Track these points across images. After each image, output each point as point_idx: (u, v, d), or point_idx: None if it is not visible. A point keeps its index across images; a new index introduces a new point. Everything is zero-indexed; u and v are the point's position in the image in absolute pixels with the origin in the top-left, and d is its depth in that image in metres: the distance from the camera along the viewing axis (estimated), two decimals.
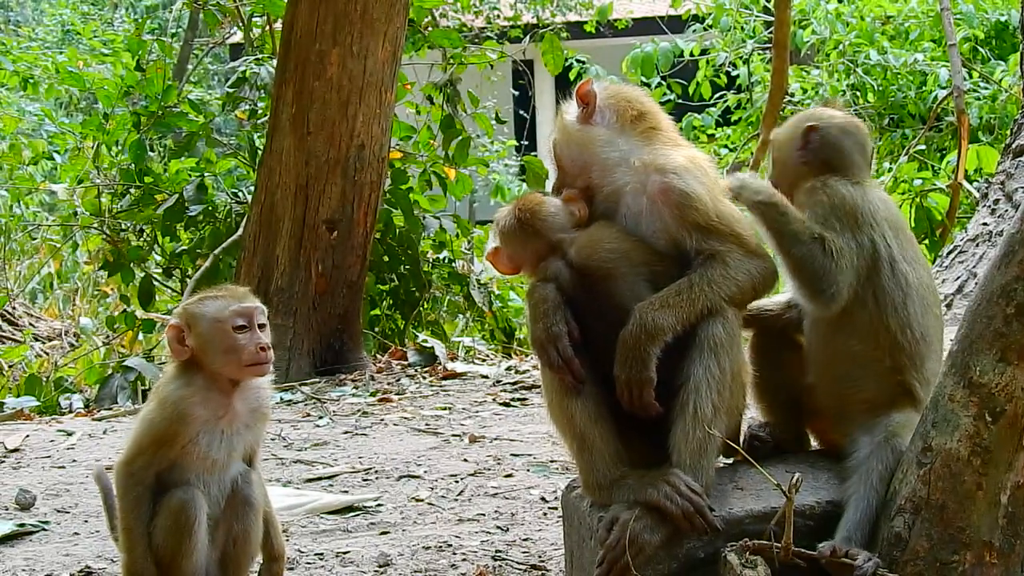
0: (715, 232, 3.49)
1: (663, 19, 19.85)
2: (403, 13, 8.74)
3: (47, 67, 18.02)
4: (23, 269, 14.57)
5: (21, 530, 4.93)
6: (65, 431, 6.80)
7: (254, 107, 11.09)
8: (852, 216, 3.60)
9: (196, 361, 3.77)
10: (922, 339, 3.53)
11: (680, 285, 3.44)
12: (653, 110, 3.81)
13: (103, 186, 11.73)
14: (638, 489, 3.38)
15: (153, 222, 11.01)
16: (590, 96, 3.77)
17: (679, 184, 3.51)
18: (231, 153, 11.28)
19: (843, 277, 3.50)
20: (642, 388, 3.40)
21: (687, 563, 3.34)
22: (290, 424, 6.99)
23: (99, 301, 13.84)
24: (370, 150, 8.61)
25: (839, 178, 3.70)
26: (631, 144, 3.68)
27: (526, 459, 5.91)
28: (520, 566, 4.43)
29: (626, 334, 3.41)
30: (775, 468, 3.36)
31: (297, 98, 8.54)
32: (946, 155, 14.25)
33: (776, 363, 3.74)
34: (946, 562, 3.03)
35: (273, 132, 8.78)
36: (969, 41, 15.73)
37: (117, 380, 8.99)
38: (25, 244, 14.80)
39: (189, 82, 14.05)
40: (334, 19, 8.45)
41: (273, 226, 8.59)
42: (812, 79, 16.25)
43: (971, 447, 3.01)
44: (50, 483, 5.62)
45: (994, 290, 3.00)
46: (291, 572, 4.52)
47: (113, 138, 11.67)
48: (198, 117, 11.30)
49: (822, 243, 3.52)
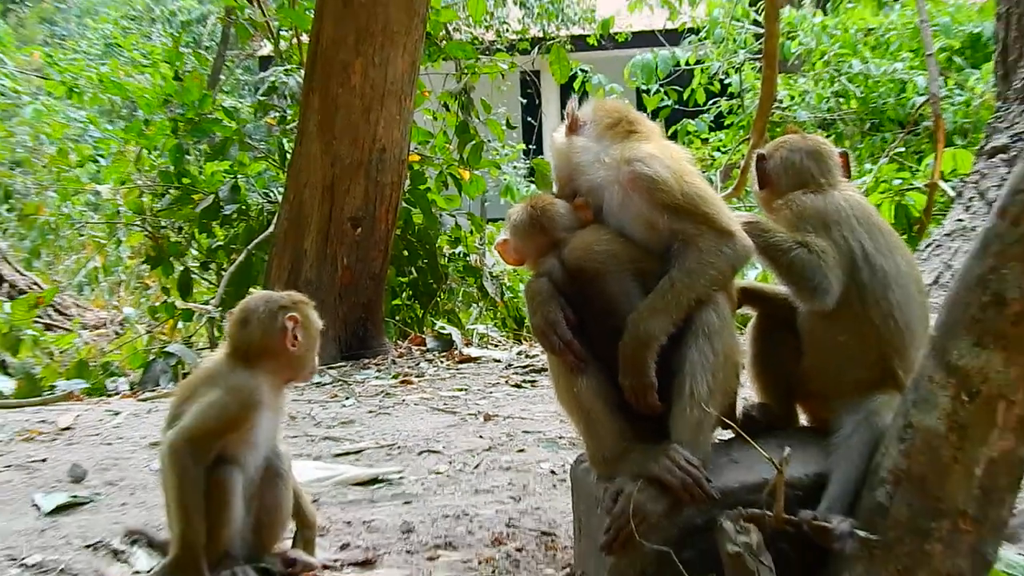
0: (684, 211, 3.48)
1: (661, 32, 19.83)
2: (421, 27, 8.75)
3: (91, 77, 18.04)
4: (71, 263, 14.62)
5: (74, 501, 4.95)
6: (112, 411, 6.83)
7: (283, 114, 11.11)
8: (818, 220, 3.61)
9: (255, 355, 3.87)
10: (906, 328, 3.53)
11: (663, 286, 3.43)
12: (629, 115, 3.82)
13: (144, 187, 11.77)
14: (641, 463, 3.39)
15: (191, 220, 11.04)
16: (572, 113, 3.82)
17: (645, 170, 3.52)
18: (262, 156, 11.30)
19: (832, 272, 3.51)
20: (645, 393, 3.41)
21: (686, 530, 3.35)
22: (319, 404, 7.02)
23: (141, 292, 13.89)
24: (391, 153, 8.63)
25: (801, 191, 3.73)
26: (606, 145, 3.71)
27: (536, 435, 5.92)
28: (532, 532, 4.44)
29: (623, 346, 3.42)
30: (767, 443, 3.37)
31: (323, 105, 8.55)
32: (923, 157, 14.20)
33: (775, 347, 3.74)
34: (924, 529, 3.04)
35: (301, 137, 8.79)
36: (945, 51, 15.71)
37: (159, 365, 9.03)
38: (73, 240, 14.85)
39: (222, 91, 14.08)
40: (357, 32, 8.46)
41: (302, 223, 8.61)
42: (799, 87, 16.22)
43: (949, 424, 3.01)
44: (99, 458, 5.65)
45: (971, 280, 3.00)
46: (322, 538, 4.53)
47: (153, 143, 11.70)
48: (231, 123, 11.32)
49: (806, 246, 3.53)
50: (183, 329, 11.16)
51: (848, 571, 3.13)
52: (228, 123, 11.30)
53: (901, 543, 3.07)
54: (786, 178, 3.81)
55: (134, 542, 4.27)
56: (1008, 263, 2.92)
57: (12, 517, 4.77)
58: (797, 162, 3.81)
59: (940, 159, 11.22)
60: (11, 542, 4.43)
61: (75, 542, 4.44)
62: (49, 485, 5.19)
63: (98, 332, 11.95)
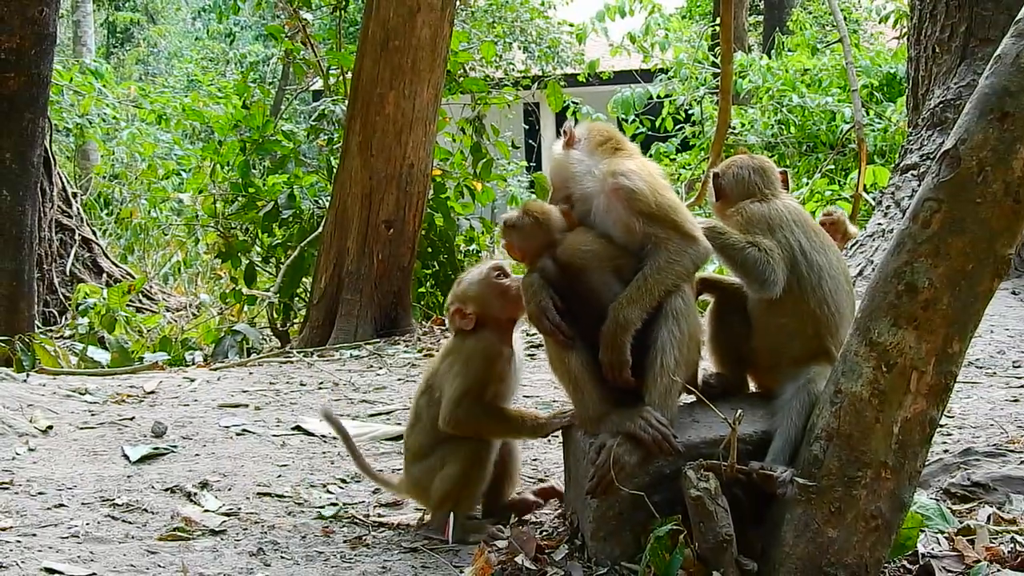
0: (656, 218, 3.45)
1: (637, 71, 19.82)
2: (442, 66, 8.72)
3: (176, 107, 18.08)
4: (158, 258, 14.63)
5: (156, 452, 4.92)
6: (189, 378, 6.80)
7: (331, 136, 11.08)
8: (764, 223, 3.58)
9: (477, 324, 3.80)
10: (836, 312, 3.50)
11: (638, 280, 3.40)
12: (616, 136, 3.78)
13: (217, 195, 11.74)
14: (619, 422, 3.37)
15: (255, 222, 11.01)
16: (570, 131, 3.77)
17: (626, 183, 3.49)
18: (314, 171, 11.27)
19: (778, 267, 3.48)
20: (621, 369, 3.39)
21: (656, 478, 3.33)
22: (357, 373, 6.98)
23: (214, 282, 13.88)
24: (418, 168, 8.59)
25: (749, 201, 3.69)
26: (596, 160, 3.66)
27: (535, 400, 5.88)
28: (531, 479, 4.43)
29: (605, 330, 3.39)
30: (723, 406, 3.35)
31: (363, 129, 8.51)
32: (849, 173, 14.23)
33: (729, 326, 3.71)
34: (852, 477, 3.02)
35: (344, 155, 8.75)
36: (867, 87, 15.73)
37: (228, 340, 9.02)
38: (159, 239, 14.89)
39: (282, 118, 14.02)
40: (391, 70, 8.42)
41: (345, 225, 8.57)
42: (749, 116, 16.20)
43: (871, 390, 2.99)
44: (177, 417, 5.61)
45: (888, 272, 2.98)
46: (358, 484, 4.50)
47: (225, 159, 11.67)
48: (289, 144, 11.30)
49: (756, 245, 3.50)
50: (248, 312, 11.18)
51: (790, 512, 3.10)
52: (286, 144, 11.28)
53: (833, 489, 3.05)
54: (737, 190, 3.77)
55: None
56: (919, 258, 2.94)
57: (105, 465, 4.74)
58: (746, 177, 3.77)
59: (863, 175, 11.21)
60: (104, 485, 4.40)
61: (156, 486, 4.41)
62: (135, 439, 5.15)
63: (179, 314, 11.94)
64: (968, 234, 2.87)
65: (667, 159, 17.16)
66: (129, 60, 32.46)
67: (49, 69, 8.81)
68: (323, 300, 8.59)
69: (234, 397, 6.21)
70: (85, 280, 11.46)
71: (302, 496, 4.31)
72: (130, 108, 18.91)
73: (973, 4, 9.22)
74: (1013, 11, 3.23)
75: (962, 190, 2.87)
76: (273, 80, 24.69)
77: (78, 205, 12.26)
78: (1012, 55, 2.86)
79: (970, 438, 4.53)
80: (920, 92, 9.73)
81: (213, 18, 23.52)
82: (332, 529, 3.91)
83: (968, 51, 9.22)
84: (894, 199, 9.33)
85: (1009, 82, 2.84)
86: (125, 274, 12.27)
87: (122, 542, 3.76)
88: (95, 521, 3.96)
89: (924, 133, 9.42)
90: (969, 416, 4.90)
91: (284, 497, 4.32)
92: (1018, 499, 3.74)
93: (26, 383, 6.29)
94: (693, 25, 22.59)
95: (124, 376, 7.06)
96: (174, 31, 35.32)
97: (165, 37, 34.10)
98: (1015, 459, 4.08)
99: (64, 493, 4.27)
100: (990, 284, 2.93)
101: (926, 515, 3.45)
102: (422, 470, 3.85)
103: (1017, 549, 3.33)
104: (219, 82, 21.80)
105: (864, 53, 16.97)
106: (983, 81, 2.91)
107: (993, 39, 8.74)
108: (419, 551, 3.65)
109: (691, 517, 3.10)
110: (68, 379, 6.67)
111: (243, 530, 3.91)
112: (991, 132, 2.84)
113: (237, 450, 5.02)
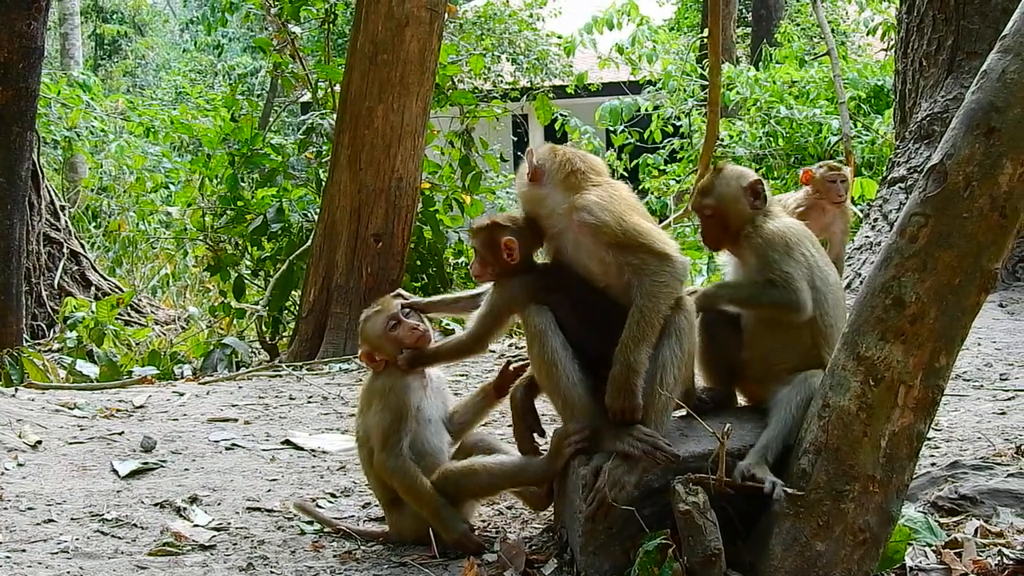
0: (625, 246, 3.44)
1: (625, 83, 19.85)
2: (431, 79, 8.72)
3: (164, 119, 18.05)
4: (146, 271, 14.59)
5: (145, 467, 4.92)
6: (178, 392, 6.78)
7: (319, 149, 11.06)
8: (783, 243, 3.57)
9: (386, 363, 3.88)
10: (834, 325, 3.54)
11: (634, 315, 3.38)
12: (580, 164, 3.68)
13: (206, 208, 11.72)
14: (611, 443, 3.39)
15: (244, 235, 10.99)
16: (533, 165, 3.69)
17: (589, 218, 3.47)
18: (302, 184, 11.26)
19: (802, 288, 3.48)
20: (633, 414, 3.38)
21: (645, 491, 3.34)
22: (347, 387, 6.98)
23: (203, 295, 13.86)
24: (406, 181, 8.59)
25: (761, 217, 3.67)
26: (561, 195, 3.62)
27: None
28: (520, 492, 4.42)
29: (615, 373, 3.38)
30: (712, 421, 3.36)
31: (351, 142, 8.51)
32: None
33: (720, 341, 3.71)
34: (840, 491, 3.03)
35: (333, 168, 8.75)
36: (854, 100, 15.77)
37: (217, 354, 9.00)
38: (148, 252, 14.85)
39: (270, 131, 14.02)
40: (379, 83, 8.42)
41: (334, 238, 8.56)
42: (736, 128, 16.23)
43: (859, 404, 3.01)
44: (167, 431, 5.60)
45: (876, 286, 3.00)
46: (347, 499, 4.50)
47: (214, 172, 11.65)
48: (278, 157, 11.29)
49: (771, 283, 3.50)
50: (237, 325, 11.15)
51: (778, 526, 3.11)
52: (275, 157, 11.27)
53: (821, 502, 3.06)
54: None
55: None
56: (906, 273, 2.95)
57: (94, 480, 4.73)
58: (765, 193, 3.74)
59: (851, 187, 11.19)
60: (93, 500, 4.40)
61: (146, 501, 4.41)
62: (125, 454, 5.14)
63: (167, 327, 11.91)
64: (955, 248, 2.90)
65: (655, 170, 17.19)
66: (117, 72, 32.44)
67: (37, 82, 8.81)
68: (312, 313, 8.58)
69: (223, 411, 6.20)
70: (73, 293, 11.42)
71: (292, 510, 4.31)
72: (118, 121, 18.86)
73: (960, 18, 9.27)
74: (1000, 25, 3.26)
75: (949, 205, 2.89)
76: (261, 93, 24.73)
77: (66, 218, 12.23)
78: (998, 71, 2.89)
79: (958, 451, 4.55)
80: (907, 105, 9.77)
81: (201, 30, 23.48)
82: (322, 544, 3.91)
83: (955, 64, 9.27)
84: (881, 212, 9.37)
85: (995, 97, 2.87)
86: (113, 287, 12.24)
87: (112, 557, 3.75)
88: (85, 536, 3.96)
89: (911, 146, 9.46)
90: (956, 429, 4.91)
91: (274, 512, 4.32)
92: (1005, 512, 3.75)
93: (15, 397, 6.28)
94: (681, 37, 22.65)
95: (113, 390, 7.04)
96: (162, 43, 35.37)
97: (153, 49, 34.14)
98: (1002, 472, 4.09)
99: (53, 508, 4.26)
100: (977, 298, 2.96)
101: (914, 528, 3.46)
102: (399, 518, 3.87)
103: (1004, 562, 3.35)
104: (207, 94, 21.75)
105: (852, 65, 17.02)
106: (970, 96, 2.94)
107: (980, 52, 8.80)
108: (408, 565, 3.65)
109: (680, 531, 3.11)
110: (57, 393, 6.65)
111: (233, 545, 3.91)
112: (977, 147, 2.87)
113: (226, 465, 5.01)
